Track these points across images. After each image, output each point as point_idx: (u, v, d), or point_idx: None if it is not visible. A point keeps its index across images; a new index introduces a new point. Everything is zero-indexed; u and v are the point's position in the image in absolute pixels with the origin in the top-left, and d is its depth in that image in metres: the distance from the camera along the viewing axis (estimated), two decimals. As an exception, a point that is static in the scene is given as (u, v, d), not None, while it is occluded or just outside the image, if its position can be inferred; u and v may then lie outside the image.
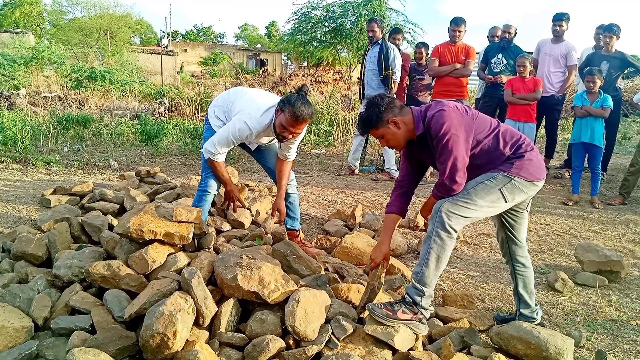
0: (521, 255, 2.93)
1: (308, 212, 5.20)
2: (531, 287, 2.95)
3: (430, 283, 2.63)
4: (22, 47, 18.33)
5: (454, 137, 2.54)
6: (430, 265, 2.60)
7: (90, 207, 4.50)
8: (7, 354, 2.39)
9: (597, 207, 5.79)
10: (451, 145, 2.54)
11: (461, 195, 2.60)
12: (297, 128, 3.34)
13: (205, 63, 36.02)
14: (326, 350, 2.48)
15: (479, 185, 2.61)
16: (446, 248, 2.58)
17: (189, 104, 12.65)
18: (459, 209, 2.57)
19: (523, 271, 2.93)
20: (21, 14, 35.44)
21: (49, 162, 6.89)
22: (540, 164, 2.70)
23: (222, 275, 2.71)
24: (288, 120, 3.26)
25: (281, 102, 3.33)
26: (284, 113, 3.27)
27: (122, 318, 2.61)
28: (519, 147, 2.67)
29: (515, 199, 2.64)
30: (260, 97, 3.62)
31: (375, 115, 2.70)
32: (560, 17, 6.90)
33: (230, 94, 3.80)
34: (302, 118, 3.26)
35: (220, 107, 3.76)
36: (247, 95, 3.64)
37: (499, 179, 2.60)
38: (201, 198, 3.74)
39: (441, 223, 2.56)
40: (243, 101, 3.58)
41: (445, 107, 2.63)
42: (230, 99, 3.71)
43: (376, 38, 6.94)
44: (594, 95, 5.92)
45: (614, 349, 2.88)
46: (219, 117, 3.73)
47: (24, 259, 3.40)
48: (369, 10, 19.45)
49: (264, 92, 3.84)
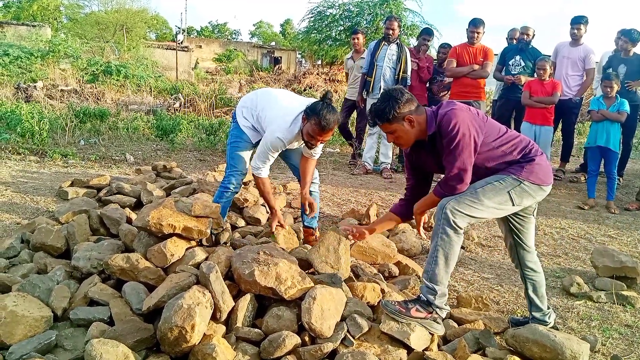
0: (530, 260, 2.92)
1: (322, 211, 5.20)
2: (542, 290, 2.94)
3: (441, 281, 2.63)
4: (39, 40, 18.46)
5: (465, 137, 2.53)
6: (440, 263, 2.60)
7: (107, 200, 4.54)
8: (27, 343, 2.42)
9: (613, 212, 5.75)
10: (461, 145, 2.53)
11: (468, 194, 2.59)
12: (325, 136, 3.39)
13: (219, 60, 36.07)
14: (342, 347, 2.49)
15: (487, 185, 2.61)
16: (454, 245, 2.58)
17: (203, 100, 12.70)
18: (464, 207, 2.56)
19: (532, 275, 2.93)
20: (39, 8, 35.67)
21: (66, 155, 6.96)
22: (548, 169, 2.69)
23: (240, 271, 2.73)
24: (315, 130, 3.31)
25: (308, 110, 3.36)
26: (310, 122, 3.31)
27: (140, 310, 2.64)
28: (529, 152, 2.67)
29: (522, 203, 2.63)
30: (287, 103, 3.64)
31: (392, 108, 2.64)
32: (579, 21, 6.85)
33: (258, 96, 3.83)
34: (328, 127, 3.31)
35: (248, 109, 3.79)
36: (274, 103, 3.66)
37: (508, 181, 2.60)
38: (222, 194, 3.77)
39: (447, 220, 2.56)
40: (271, 109, 3.61)
41: (457, 106, 2.62)
42: (257, 103, 3.75)
43: (394, 36, 6.95)
44: (611, 100, 5.89)
45: (629, 354, 2.87)
46: (247, 118, 3.78)
47: (43, 250, 3.44)
48: (385, 10, 19.41)
49: (289, 94, 3.86)
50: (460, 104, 2.68)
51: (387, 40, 6.99)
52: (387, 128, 2.72)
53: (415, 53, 7.39)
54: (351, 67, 7.64)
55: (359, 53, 7.52)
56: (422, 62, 7.30)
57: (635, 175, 7.76)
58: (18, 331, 2.49)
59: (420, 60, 7.30)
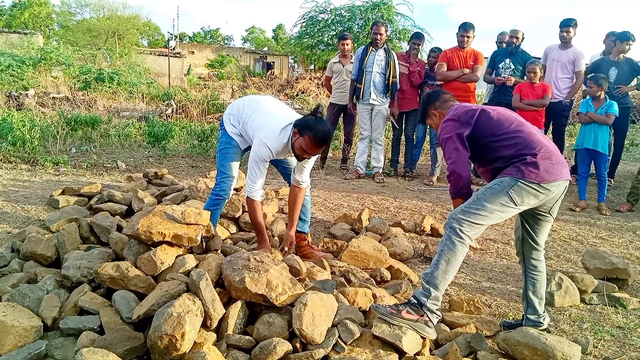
0: (535, 258, 2.94)
1: (315, 216, 5.20)
2: (542, 292, 2.95)
3: (438, 285, 2.65)
4: (30, 48, 18.42)
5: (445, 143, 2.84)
6: (440, 267, 2.64)
7: (98, 208, 4.52)
8: (17, 353, 2.41)
9: (604, 214, 5.78)
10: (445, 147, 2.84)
11: (472, 202, 2.68)
12: (318, 151, 3.39)
13: (212, 65, 36.09)
14: (333, 353, 2.49)
15: (487, 190, 2.68)
16: (457, 252, 2.63)
17: (196, 106, 12.69)
18: (470, 216, 2.63)
19: (534, 274, 2.94)
20: (30, 15, 35.64)
21: (58, 163, 6.93)
22: (549, 167, 2.68)
23: (230, 278, 2.72)
24: (309, 145, 3.30)
25: (300, 126, 3.33)
26: (303, 137, 3.29)
27: (130, 319, 2.63)
28: (529, 150, 2.70)
29: (525, 202, 2.65)
30: (275, 111, 3.63)
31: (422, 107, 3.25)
32: (568, 23, 6.88)
33: (245, 103, 3.80)
34: (323, 142, 3.32)
35: (235, 117, 3.77)
36: (262, 111, 3.63)
37: (505, 182, 2.65)
38: (214, 202, 3.77)
39: (452, 229, 2.64)
40: (259, 117, 3.57)
41: (448, 117, 2.92)
42: (244, 110, 3.72)
43: (382, 42, 6.97)
44: (600, 102, 5.93)
45: (620, 356, 2.87)
46: (234, 125, 3.77)
47: (33, 259, 3.42)
48: (377, 15, 19.52)
49: (277, 103, 3.84)
50: (456, 111, 2.91)
51: (375, 45, 6.99)
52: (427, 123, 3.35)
53: (406, 57, 7.41)
54: (338, 70, 7.58)
55: (346, 58, 7.52)
56: (413, 66, 7.32)
57: (626, 177, 7.79)
58: (7, 341, 2.47)
59: (411, 65, 7.32)
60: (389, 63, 6.92)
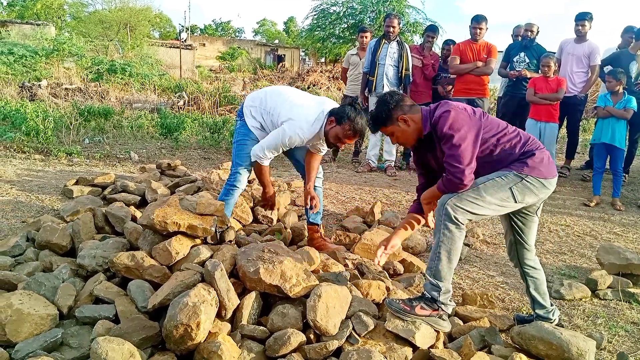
0: (529, 259, 2.92)
1: (327, 208, 5.20)
2: (543, 288, 2.94)
3: (445, 277, 2.62)
4: (43, 39, 18.49)
5: (462, 137, 2.53)
6: (443, 259, 2.59)
7: (112, 199, 4.55)
8: (33, 341, 2.43)
9: (618, 209, 5.72)
10: (459, 145, 2.53)
11: (470, 190, 2.58)
12: (353, 140, 3.46)
13: (223, 58, 36.05)
14: (347, 345, 2.49)
15: (489, 181, 2.59)
16: (456, 240, 2.57)
17: (207, 98, 12.70)
18: (465, 204, 2.56)
19: (533, 273, 2.93)
20: (42, 6, 35.71)
21: (71, 153, 6.97)
22: (550, 163, 2.67)
23: (245, 269, 2.73)
24: (346, 134, 3.36)
25: (338, 115, 3.37)
26: (342, 126, 3.34)
27: (145, 308, 2.65)
28: (529, 147, 2.66)
29: (525, 200, 2.62)
30: (302, 102, 3.62)
31: (384, 112, 2.75)
32: (583, 17, 6.80)
33: (267, 94, 3.76)
34: (361, 132, 3.38)
35: (256, 108, 3.73)
36: (287, 100, 3.60)
37: (510, 177, 2.59)
38: (229, 192, 3.76)
39: (447, 216, 2.55)
40: (290, 108, 3.54)
41: (452, 107, 2.62)
42: (267, 102, 3.69)
43: (395, 34, 6.93)
44: (618, 96, 5.87)
45: (635, 352, 2.86)
46: (255, 118, 3.73)
47: (48, 248, 3.45)
48: (388, 7, 19.44)
49: (299, 92, 3.81)
50: (455, 104, 2.67)
51: (387, 38, 6.95)
52: (386, 131, 2.84)
53: (420, 50, 7.37)
54: (355, 63, 7.57)
55: (365, 51, 7.50)
56: (427, 59, 7.27)
57: (640, 172, 7.72)
58: (24, 329, 2.50)
59: (425, 58, 7.28)
60: (402, 55, 6.89)
